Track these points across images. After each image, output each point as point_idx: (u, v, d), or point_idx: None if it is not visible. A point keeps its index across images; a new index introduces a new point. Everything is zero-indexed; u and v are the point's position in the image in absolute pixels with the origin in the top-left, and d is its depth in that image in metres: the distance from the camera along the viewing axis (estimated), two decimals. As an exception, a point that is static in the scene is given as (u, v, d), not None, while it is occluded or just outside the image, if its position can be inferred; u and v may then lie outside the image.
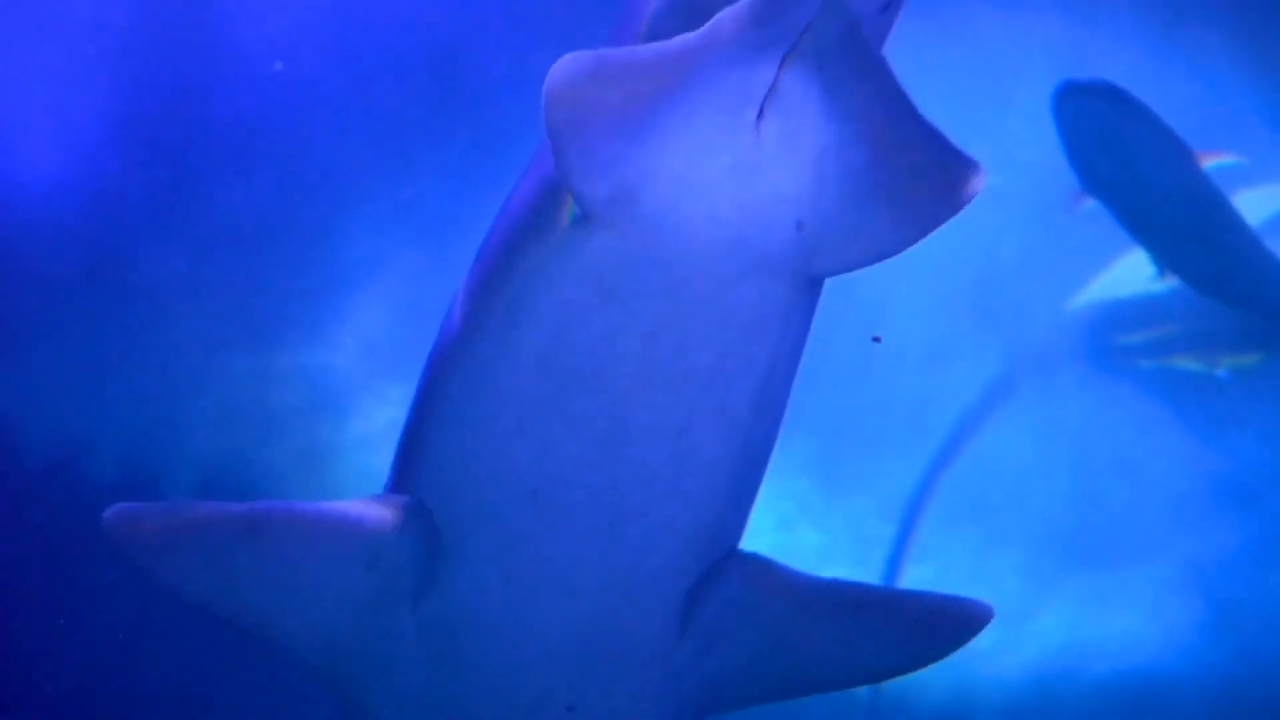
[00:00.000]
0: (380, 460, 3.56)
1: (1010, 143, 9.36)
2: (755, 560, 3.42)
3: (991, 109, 9.15)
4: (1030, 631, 12.40)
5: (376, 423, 10.13)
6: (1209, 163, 8.57)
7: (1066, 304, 10.60)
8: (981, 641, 11.28)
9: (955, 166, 2.66)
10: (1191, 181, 8.35)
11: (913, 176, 2.64)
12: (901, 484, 10.38)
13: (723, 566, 3.32)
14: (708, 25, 2.44)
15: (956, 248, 10.23)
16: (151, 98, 8.80)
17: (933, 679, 13.14)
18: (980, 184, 2.67)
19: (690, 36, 2.46)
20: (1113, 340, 10.83)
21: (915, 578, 11.46)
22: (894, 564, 10.21)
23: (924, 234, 2.78)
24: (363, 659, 3.38)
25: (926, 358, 10.06)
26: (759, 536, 11.53)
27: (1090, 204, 8.94)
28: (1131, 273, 10.48)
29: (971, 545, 11.20)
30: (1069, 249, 10.32)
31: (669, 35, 2.55)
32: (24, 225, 9.06)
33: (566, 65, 2.46)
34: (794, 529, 11.14)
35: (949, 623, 3.62)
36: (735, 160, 2.58)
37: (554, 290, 2.78)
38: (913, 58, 8.91)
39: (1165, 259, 9.13)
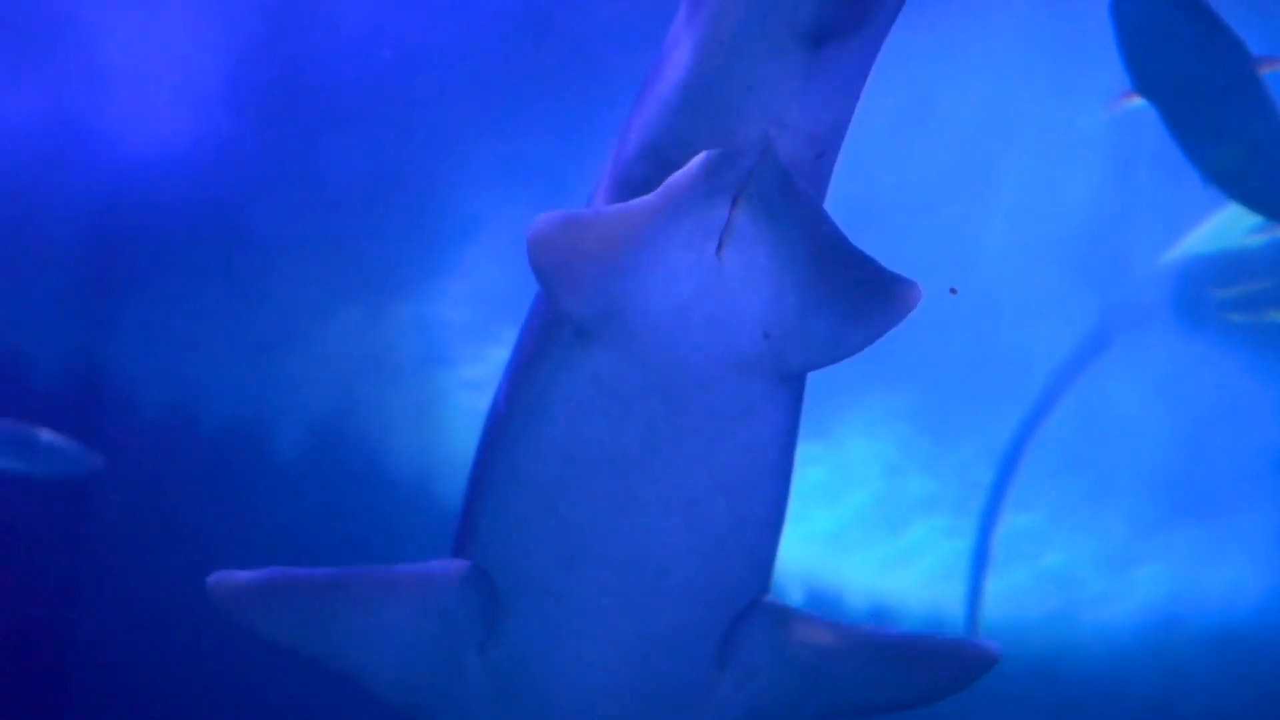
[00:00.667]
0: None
1: (1106, 96, 9.41)
2: (780, 608, 3.77)
3: (1089, 65, 9.18)
4: (1136, 580, 12.45)
5: (485, 369, 10.42)
6: (1268, 70, 8.41)
7: (1161, 258, 10.64)
8: (1088, 588, 11.36)
9: (892, 285, 3.09)
10: (1246, 87, 8.17)
11: (854, 294, 3.10)
12: (1006, 433, 10.45)
13: (751, 613, 3.69)
14: (663, 186, 2.94)
15: (1053, 202, 10.32)
16: (267, 59, 8.91)
17: (1036, 627, 13.24)
18: (916, 298, 3.09)
19: (649, 197, 2.97)
20: (1207, 294, 10.82)
21: (1022, 525, 11.53)
22: (990, 513, 10.24)
23: (873, 339, 3.17)
24: (438, 696, 3.89)
25: (1026, 310, 10.11)
26: (867, 485, 11.53)
27: (1135, 103, 8.79)
28: (1226, 227, 10.48)
29: (1077, 494, 11.24)
30: (1164, 203, 10.31)
31: (641, 179, 3.10)
32: (144, 183, 9.31)
33: (542, 222, 2.98)
34: (902, 475, 11.26)
35: (960, 663, 3.90)
36: (702, 285, 3.06)
37: (563, 394, 3.29)
38: (1010, 13, 8.95)
39: (1210, 168, 8.93)
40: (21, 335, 9.91)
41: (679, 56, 3.14)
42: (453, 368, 10.48)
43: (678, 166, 2.95)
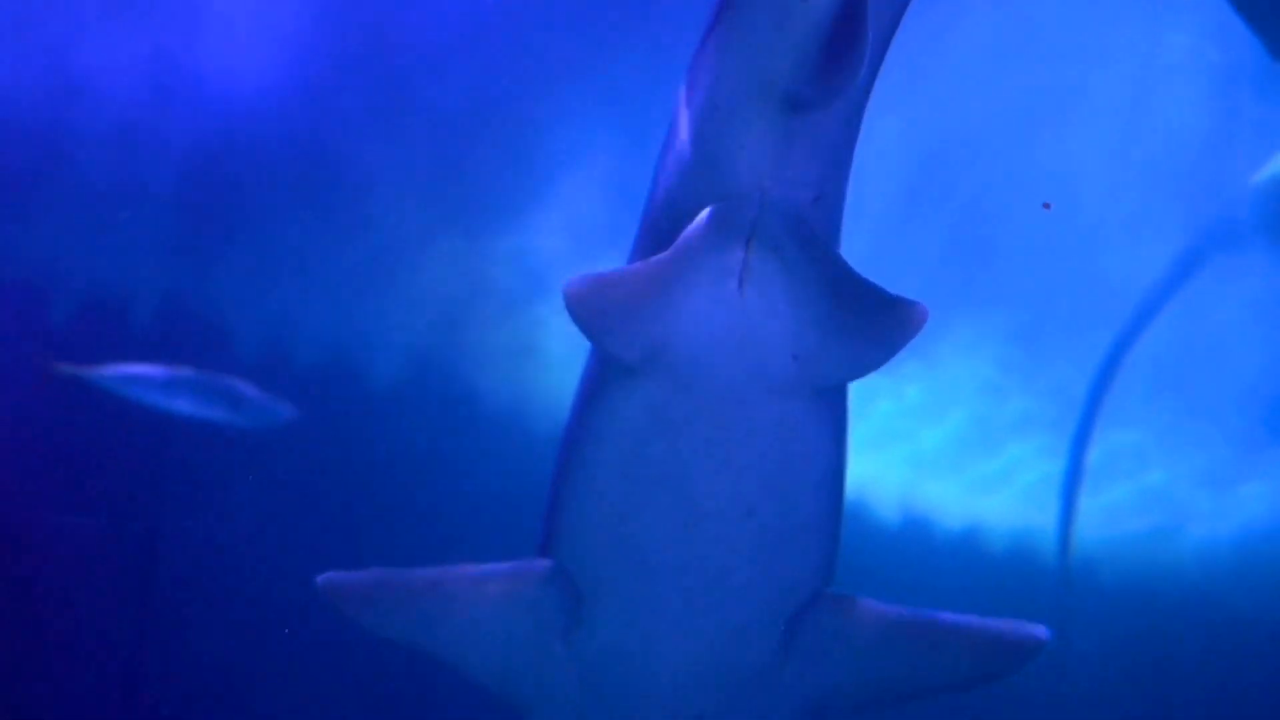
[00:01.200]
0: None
1: (1201, 15, 9.32)
2: (840, 598, 4.10)
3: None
4: (1236, 498, 12.43)
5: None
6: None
7: (1256, 177, 10.53)
8: (1188, 506, 11.31)
9: (900, 308, 3.49)
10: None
11: (868, 317, 3.50)
12: (1102, 352, 10.41)
13: (813, 605, 4.04)
14: (678, 241, 3.41)
15: (1148, 122, 10.24)
16: (359, -1, 9.17)
17: (1134, 545, 13.24)
18: (922, 318, 3.49)
19: (666, 253, 3.43)
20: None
21: (1121, 443, 11.51)
22: (1083, 432, 10.22)
23: (892, 355, 3.57)
24: (528, 679, 4.31)
25: (1123, 229, 10.06)
26: (963, 405, 11.48)
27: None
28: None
29: (1176, 412, 11.18)
30: (1254, 123, 10.22)
31: (667, 230, 3.52)
32: (241, 121, 9.35)
33: (575, 283, 3.47)
34: (999, 395, 11.26)
35: (1008, 645, 4.19)
36: (730, 319, 3.49)
37: (623, 422, 3.74)
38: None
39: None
40: (121, 274, 10.01)
41: (682, 124, 3.57)
42: (549, 299, 10.53)
43: (694, 217, 3.40)
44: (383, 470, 10.80)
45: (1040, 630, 4.12)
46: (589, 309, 3.50)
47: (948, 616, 4.16)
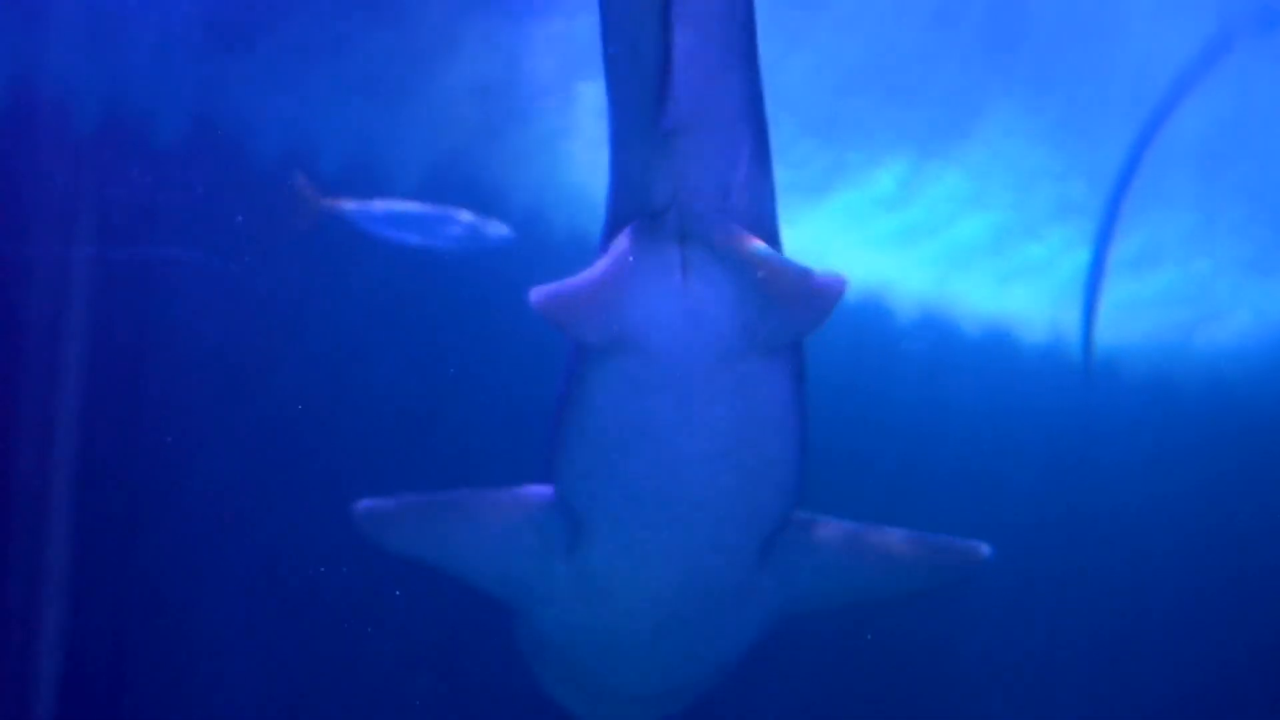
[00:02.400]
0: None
1: None
2: (807, 520, 4.88)
3: None
4: (1269, 290, 12.49)
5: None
6: None
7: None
8: (1226, 296, 11.26)
9: (822, 280, 4.12)
10: None
11: (795, 289, 4.12)
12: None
13: (784, 527, 4.80)
14: (610, 252, 4.11)
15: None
16: None
17: (1164, 336, 13.24)
18: (841, 289, 4.13)
19: (602, 264, 4.13)
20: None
21: (1159, 229, 11.45)
22: (1108, 221, 10.15)
23: (821, 319, 4.22)
24: (534, 592, 5.06)
25: (1149, 14, 9.84)
26: (998, 196, 11.29)
27: None
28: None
29: (1210, 201, 11.12)
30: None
31: (621, 225, 4.15)
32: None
33: (536, 296, 4.22)
34: (1036, 186, 11.21)
35: (954, 560, 5.04)
36: (679, 306, 4.13)
37: (604, 386, 4.41)
38: None
39: None
40: (140, 87, 9.96)
41: (611, 149, 4.25)
42: (587, 85, 10.48)
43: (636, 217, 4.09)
44: (403, 274, 10.85)
45: (983, 548, 5.00)
46: (552, 315, 4.26)
47: (900, 532, 4.97)
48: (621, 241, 4.10)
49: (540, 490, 4.86)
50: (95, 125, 9.97)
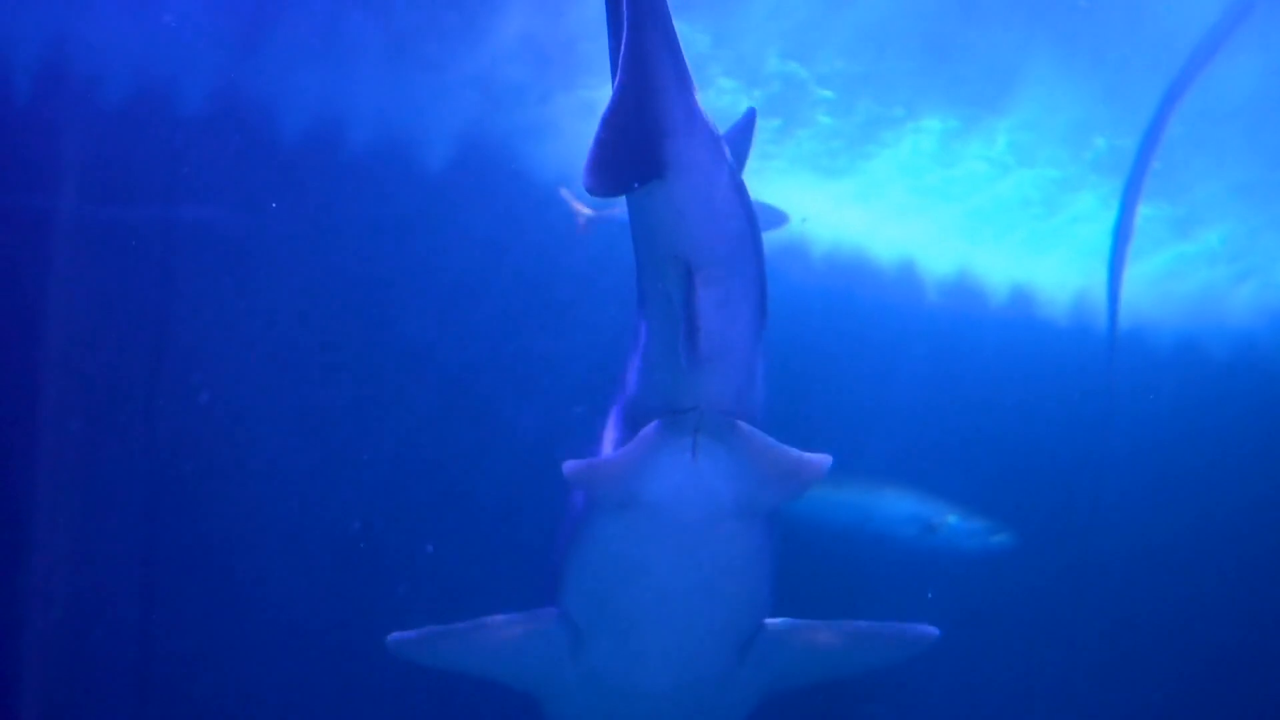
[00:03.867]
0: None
1: None
2: (777, 626, 5.79)
3: None
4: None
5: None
6: None
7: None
8: (1249, 260, 11.06)
9: (808, 461, 5.00)
10: None
11: (785, 468, 5.01)
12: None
13: (758, 633, 5.75)
14: (637, 438, 4.94)
15: None
16: None
17: (1195, 301, 13.19)
18: (823, 469, 5.00)
19: (629, 447, 4.97)
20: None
21: (1193, 193, 11.50)
22: (1134, 184, 10.11)
23: (802, 492, 5.11)
24: (548, 688, 6.03)
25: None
26: (1038, 154, 11.08)
27: None
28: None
29: (1246, 159, 11.13)
30: None
31: (636, 416, 5.08)
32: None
33: (569, 468, 5.02)
34: (1087, 137, 11.40)
35: (904, 642, 5.94)
36: (688, 479, 5.03)
37: (610, 533, 5.32)
38: None
39: None
40: (168, 60, 9.98)
41: (635, 361, 5.20)
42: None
43: (651, 417, 4.96)
44: (432, 249, 10.90)
45: (929, 630, 5.85)
46: (584, 483, 5.18)
47: (854, 624, 5.86)
48: (649, 433, 4.97)
49: (547, 611, 5.78)
50: (123, 96, 9.99)
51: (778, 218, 9.55)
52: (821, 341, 11.67)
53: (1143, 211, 11.56)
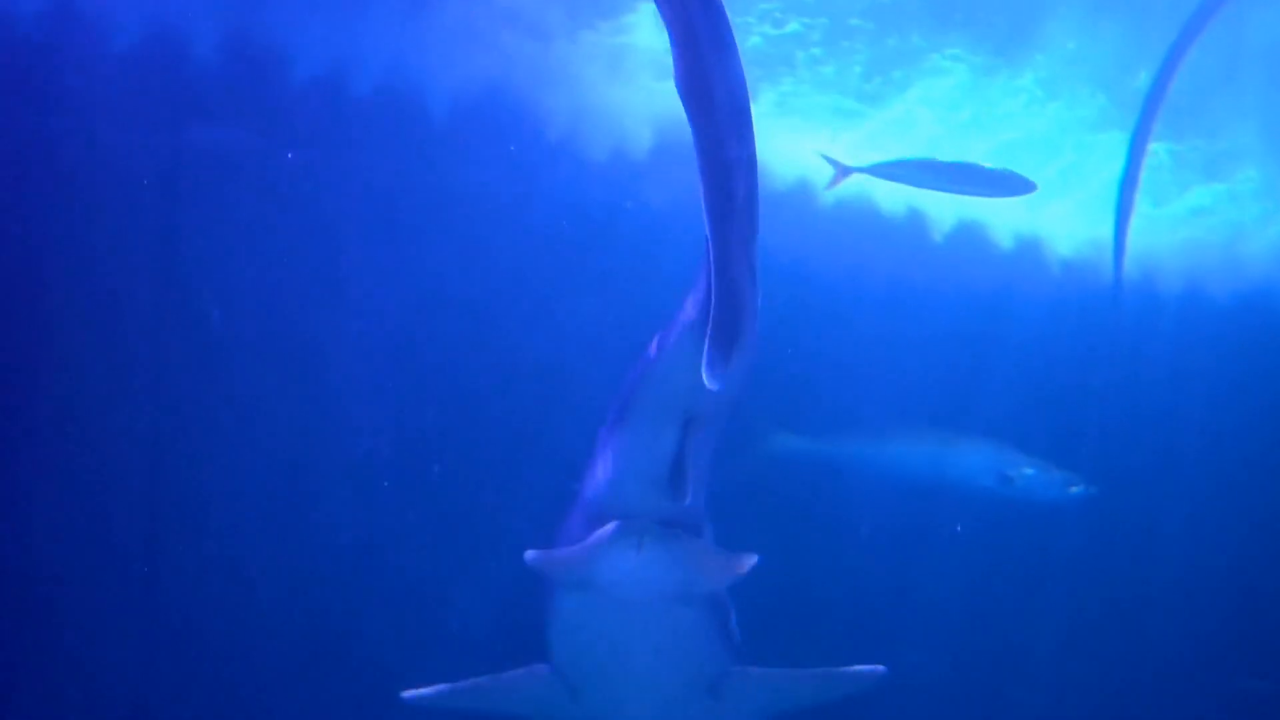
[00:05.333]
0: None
1: None
2: (739, 670, 6.84)
3: None
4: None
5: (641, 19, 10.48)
6: None
7: None
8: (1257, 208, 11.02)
9: (733, 559, 6.10)
10: None
11: (714, 565, 6.15)
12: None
13: (724, 676, 6.82)
14: (595, 537, 5.98)
15: None
16: None
17: (1209, 249, 13.11)
18: (746, 566, 6.10)
19: (586, 543, 6.02)
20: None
21: (1214, 138, 11.54)
22: (1142, 130, 10.05)
23: (729, 582, 6.31)
24: (556, 701, 6.91)
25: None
26: (1060, 93, 10.97)
27: None
28: None
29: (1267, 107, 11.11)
30: None
31: (592, 515, 6.12)
32: None
33: (530, 558, 6.08)
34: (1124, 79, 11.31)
35: (855, 681, 6.95)
36: (635, 566, 5.99)
37: (574, 608, 6.39)
38: None
39: None
40: (176, 13, 9.99)
41: (599, 475, 6.11)
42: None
43: (607, 518, 5.98)
44: (438, 200, 10.90)
45: (878, 669, 6.83)
46: (543, 570, 6.20)
47: (809, 671, 6.90)
48: (604, 535, 5.98)
49: (541, 667, 6.85)
50: (132, 44, 9.96)
51: (1022, 185, 9.55)
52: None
53: (1170, 149, 11.58)
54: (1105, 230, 11.08)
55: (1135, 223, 10.79)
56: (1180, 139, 11.80)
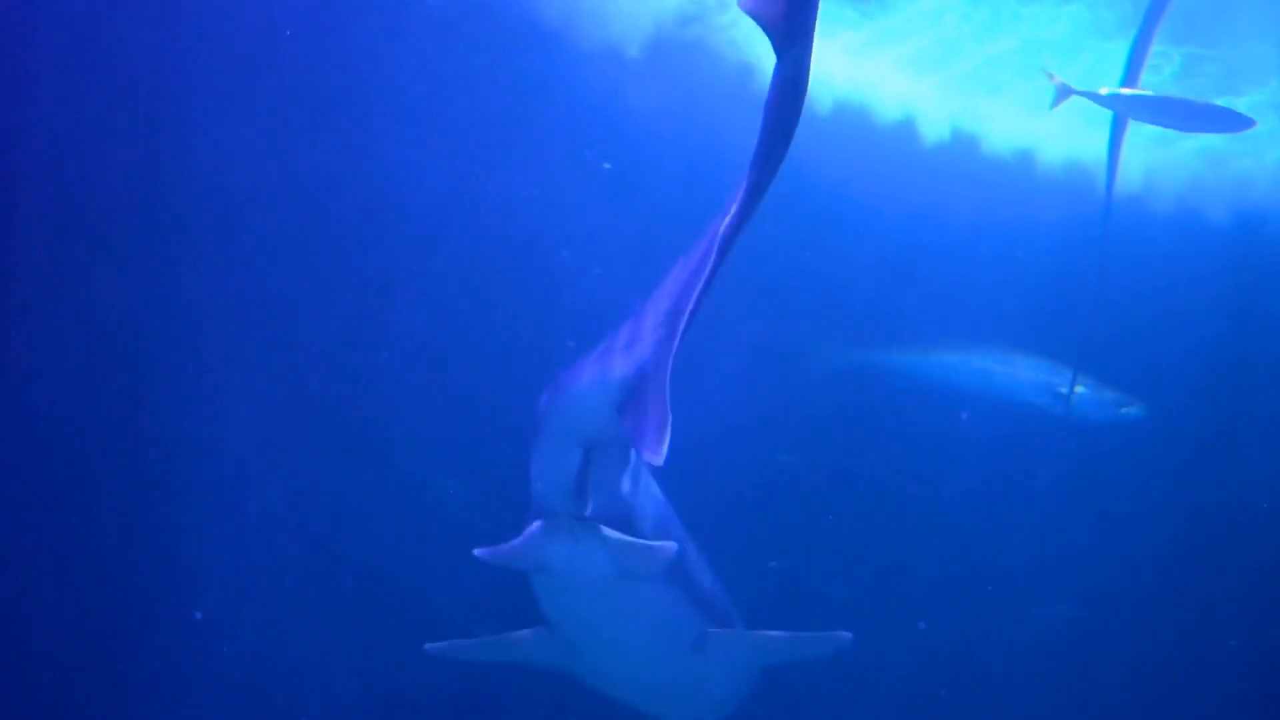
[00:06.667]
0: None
1: None
2: (716, 632, 7.63)
3: None
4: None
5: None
6: None
7: None
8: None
9: (657, 549, 6.84)
10: None
11: (642, 557, 6.83)
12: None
13: (702, 637, 7.60)
14: (526, 533, 6.66)
15: None
16: None
17: (1189, 163, 13.04)
18: (668, 554, 6.84)
19: (521, 539, 6.68)
20: None
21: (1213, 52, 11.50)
22: (1144, 37, 9.90)
23: (657, 569, 6.96)
24: (559, 654, 7.79)
25: None
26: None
27: None
28: None
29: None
30: None
31: (536, 511, 6.77)
32: None
33: (484, 551, 6.70)
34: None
35: (823, 644, 7.77)
36: (571, 558, 6.79)
37: (547, 588, 7.19)
38: None
39: None
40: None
41: (530, 472, 6.79)
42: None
43: (542, 513, 6.72)
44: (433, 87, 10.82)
45: (845, 635, 7.58)
46: (493, 562, 6.76)
47: (780, 634, 7.70)
48: (535, 532, 6.71)
49: (542, 629, 7.64)
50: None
51: (1243, 123, 9.49)
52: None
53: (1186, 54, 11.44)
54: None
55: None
56: (1198, 43, 11.65)
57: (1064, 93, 9.67)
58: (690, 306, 4.91)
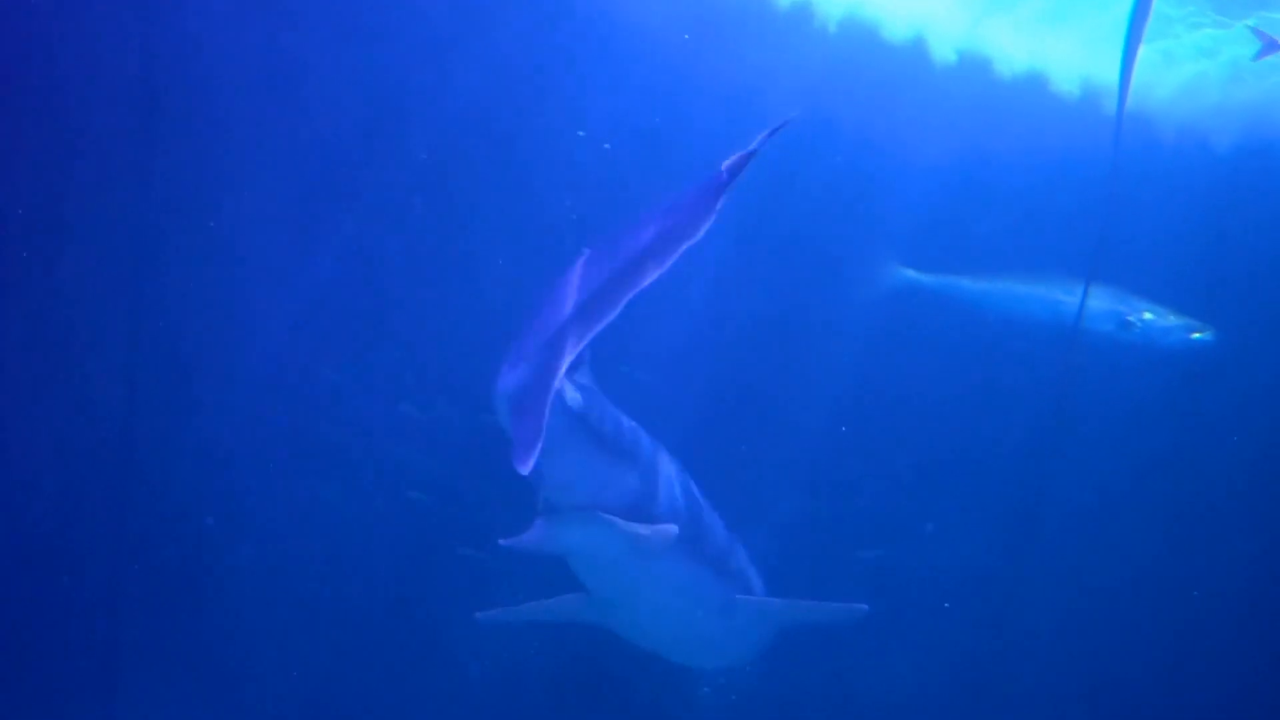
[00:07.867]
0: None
1: None
2: (743, 599, 8.33)
3: None
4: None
5: None
6: None
7: None
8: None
9: (651, 534, 7.63)
10: None
11: (637, 540, 7.67)
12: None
13: (728, 603, 8.30)
14: (533, 526, 7.51)
15: None
16: None
17: (1184, 92, 12.56)
18: (668, 537, 7.69)
19: (528, 533, 7.49)
20: None
21: None
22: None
23: (652, 551, 7.75)
24: (597, 615, 8.51)
25: None
26: None
27: None
28: None
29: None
30: None
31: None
32: None
33: (508, 540, 7.43)
34: None
35: (841, 614, 8.46)
36: (583, 541, 7.62)
37: (575, 564, 8.01)
38: None
39: None
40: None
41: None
42: None
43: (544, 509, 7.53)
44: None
45: (861, 607, 8.29)
46: (514, 551, 7.37)
47: (802, 602, 8.34)
48: (538, 525, 7.38)
49: (581, 594, 8.26)
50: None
51: None
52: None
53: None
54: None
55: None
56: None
57: (1270, 46, 9.55)
58: (580, 343, 5.45)
